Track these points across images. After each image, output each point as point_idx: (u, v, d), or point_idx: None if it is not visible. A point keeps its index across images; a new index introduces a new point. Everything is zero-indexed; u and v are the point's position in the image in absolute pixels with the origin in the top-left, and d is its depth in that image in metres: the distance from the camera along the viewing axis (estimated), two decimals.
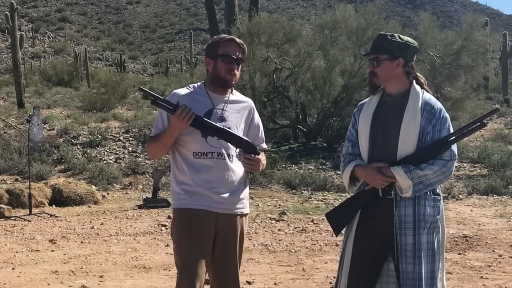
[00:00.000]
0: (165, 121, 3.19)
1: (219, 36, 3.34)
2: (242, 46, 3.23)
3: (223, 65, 3.18)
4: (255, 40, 15.77)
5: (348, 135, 3.31)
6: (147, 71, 57.04)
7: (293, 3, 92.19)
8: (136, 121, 16.95)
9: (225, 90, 3.26)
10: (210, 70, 3.25)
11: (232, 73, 3.19)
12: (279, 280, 5.46)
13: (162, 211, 9.16)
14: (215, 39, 3.29)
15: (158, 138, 3.19)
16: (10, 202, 9.25)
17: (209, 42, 3.36)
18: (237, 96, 3.32)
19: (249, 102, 3.36)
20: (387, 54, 3.10)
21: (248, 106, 3.33)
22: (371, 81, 3.18)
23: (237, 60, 3.19)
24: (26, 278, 5.51)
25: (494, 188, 10.48)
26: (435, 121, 3.08)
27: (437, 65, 16.06)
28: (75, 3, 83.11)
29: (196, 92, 3.24)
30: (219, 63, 3.19)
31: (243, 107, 3.30)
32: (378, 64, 3.11)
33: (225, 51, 3.18)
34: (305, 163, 13.36)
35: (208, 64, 3.25)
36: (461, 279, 5.43)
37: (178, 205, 3.22)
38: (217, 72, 3.20)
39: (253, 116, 3.34)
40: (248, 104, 3.34)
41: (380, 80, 3.14)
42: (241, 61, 3.22)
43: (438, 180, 3.07)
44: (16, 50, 20.31)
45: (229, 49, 3.19)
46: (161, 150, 3.27)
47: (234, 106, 3.27)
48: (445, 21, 67.14)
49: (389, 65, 3.11)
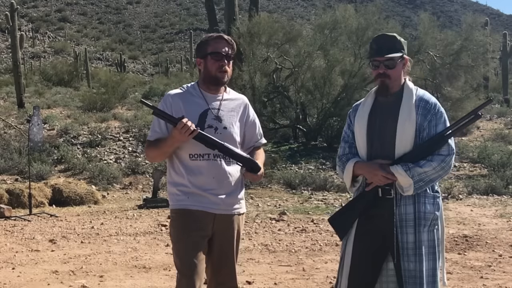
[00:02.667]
0: (162, 124, 3.18)
1: (207, 35, 3.34)
2: (230, 42, 3.23)
3: (213, 63, 3.18)
4: (255, 40, 15.77)
5: (343, 136, 3.30)
6: (147, 71, 57.06)
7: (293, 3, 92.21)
8: (136, 121, 16.95)
9: (218, 89, 3.25)
10: (201, 69, 3.25)
11: (223, 69, 3.18)
12: (279, 280, 5.46)
13: (162, 211, 9.15)
14: (203, 39, 3.29)
15: (158, 145, 3.18)
16: (10, 202, 9.26)
17: (198, 42, 3.36)
18: (230, 94, 3.31)
19: (243, 99, 3.35)
20: (400, 55, 3.11)
21: (242, 103, 3.32)
22: (384, 84, 3.12)
23: (226, 57, 3.19)
24: (26, 278, 5.51)
25: (494, 188, 10.48)
26: (430, 116, 3.08)
27: (437, 65, 16.05)
28: (75, 3, 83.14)
29: (190, 93, 3.24)
30: (209, 61, 3.19)
31: (237, 105, 3.29)
32: (393, 66, 3.10)
33: (214, 49, 3.18)
34: (305, 163, 13.36)
35: (199, 64, 3.25)
36: (461, 279, 5.43)
37: (176, 206, 3.22)
38: (208, 71, 3.20)
39: (248, 112, 3.33)
40: (242, 101, 3.33)
41: (393, 81, 3.12)
42: (231, 57, 3.21)
43: (438, 176, 3.07)
44: (16, 50, 20.32)
45: (218, 46, 3.18)
46: (161, 157, 3.30)
47: (228, 104, 3.26)
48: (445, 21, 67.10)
49: (400, 65, 3.12)
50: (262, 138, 3.41)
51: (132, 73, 50.17)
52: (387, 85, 3.12)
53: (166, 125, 3.16)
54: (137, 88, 31.64)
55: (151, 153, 3.29)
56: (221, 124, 3.19)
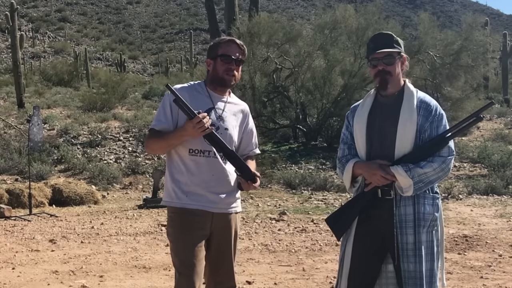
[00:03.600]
0: (167, 114, 3.17)
1: (220, 37, 3.38)
2: (242, 47, 3.26)
3: (222, 65, 3.21)
4: (255, 40, 15.77)
5: (342, 137, 3.30)
6: (147, 71, 57.06)
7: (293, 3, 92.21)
8: (136, 121, 16.95)
9: (224, 90, 3.28)
10: (210, 70, 3.28)
11: (231, 73, 3.21)
12: (279, 280, 5.46)
13: (162, 211, 9.15)
14: (216, 41, 3.33)
15: (163, 137, 3.15)
16: (10, 202, 9.26)
17: (210, 43, 3.38)
18: (234, 99, 3.35)
19: (244, 106, 3.39)
20: (398, 51, 3.11)
21: (244, 110, 3.36)
22: (385, 80, 3.11)
23: (236, 61, 3.22)
24: (26, 278, 5.51)
25: (494, 188, 10.48)
26: (432, 118, 3.08)
27: (437, 65, 16.05)
28: (75, 3, 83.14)
29: (196, 90, 3.26)
30: (218, 63, 3.22)
31: (239, 110, 3.33)
32: (392, 62, 3.09)
33: (224, 51, 3.21)
34: (305, 163, 13.36)
35: (209, 64, 3.28)
36: (461, 279, 5.43)
37: (174, 204, 3.21)
38: (216, 72, 3.23)
39: (248, 120, 3.36)
40: (244, 108, 3.37)
41: (393, 78, 3.11)
42: (240, 62, 3.24)
43: (437, 177, 3.07)
44: (16, 50, 20.32)
45: (228, 49, 3.22)
46: (164, 149, 3.25)
47: (231, 108, 3.29)
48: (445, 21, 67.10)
49: (399, 62, 3.12)
50: (257, 148, 3.44)
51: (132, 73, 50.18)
52: (387, 81, 3.10)
53: (172, 116, 3.15)
54: (137, 88, 31.66)
55: (153, 144, 3.24)
56: (223, 124, 3.21)
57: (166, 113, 3.18)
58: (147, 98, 25.40)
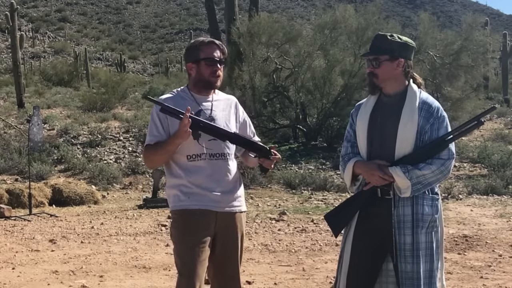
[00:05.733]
0: (159, 127, 3.17)
1: (197, 40, 3.32)
2: (221, 47, 3.26)
3: (206, 68, 3.20)
4: (255, 40, 15.78)
5: (346, 135, 3.31)
6: (147, 71, 57.09)
7: (293, 3, 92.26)
8: (136, 121, 16.95)
9: (209, 91, 3.28)
10: (193, 74, 3.25)
11: (217, 74, 3.21)
12: (279, 280, 5.46)
13: (162, 211, 9.15)
14: (194, 44, 3.29)
15: (162, 145, 3.13)
16: (10, 202, 9.25)
17: (187, 47, 3.36)
18: (219, 95, 3.34)
19: (232, 99, 3.39)
20: (387, 55, 3.09)
21: (232, 102, 3.36)
22: (371, 82, 3.16)
23: (219, 62, 3.22)
24: (26, 278, 5.51)
25: (494, 188, 10.47)
26: (433, 120, 3.08)
27: (437, 65, 16.06)
28: (75, 3, 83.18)
29: (181, 97, 3.25)
30: (202, 66, 3.20)
31: (227, 104, 3.33)
32: (379, 65, 3.10)
33: (207, 55, 3.20)
34: (305, 163, 13.36)
35: (191, 68, 3.25)
36: (461, 279, 5.43)
37: (177, 207, 3.21)
38: (201, 76, 3.21)
39: (238, 111, 3.36)
40: (231, 100, 3.37)
41: (380, 81, 3.13)
42: (223, 62, 3.25)
43: (436, 179, 3.06)
44: (16, 50, 20.33)
45: (210, 52, 3.21)
46: (163, 157, 3.20)
47: (219, 105, 3.29)
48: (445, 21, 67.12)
49: (390, 65, 3.10)
50: (255, 136, 3.43)
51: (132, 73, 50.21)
52: (374, 83, 3.14)
53: (163, 128, 3.16)
54: (137, 88, 31.68)
55: (152, 156, 3.22)
56: (215, 123, 3.20)
57: (158, 127, 3.17)
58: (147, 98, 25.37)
